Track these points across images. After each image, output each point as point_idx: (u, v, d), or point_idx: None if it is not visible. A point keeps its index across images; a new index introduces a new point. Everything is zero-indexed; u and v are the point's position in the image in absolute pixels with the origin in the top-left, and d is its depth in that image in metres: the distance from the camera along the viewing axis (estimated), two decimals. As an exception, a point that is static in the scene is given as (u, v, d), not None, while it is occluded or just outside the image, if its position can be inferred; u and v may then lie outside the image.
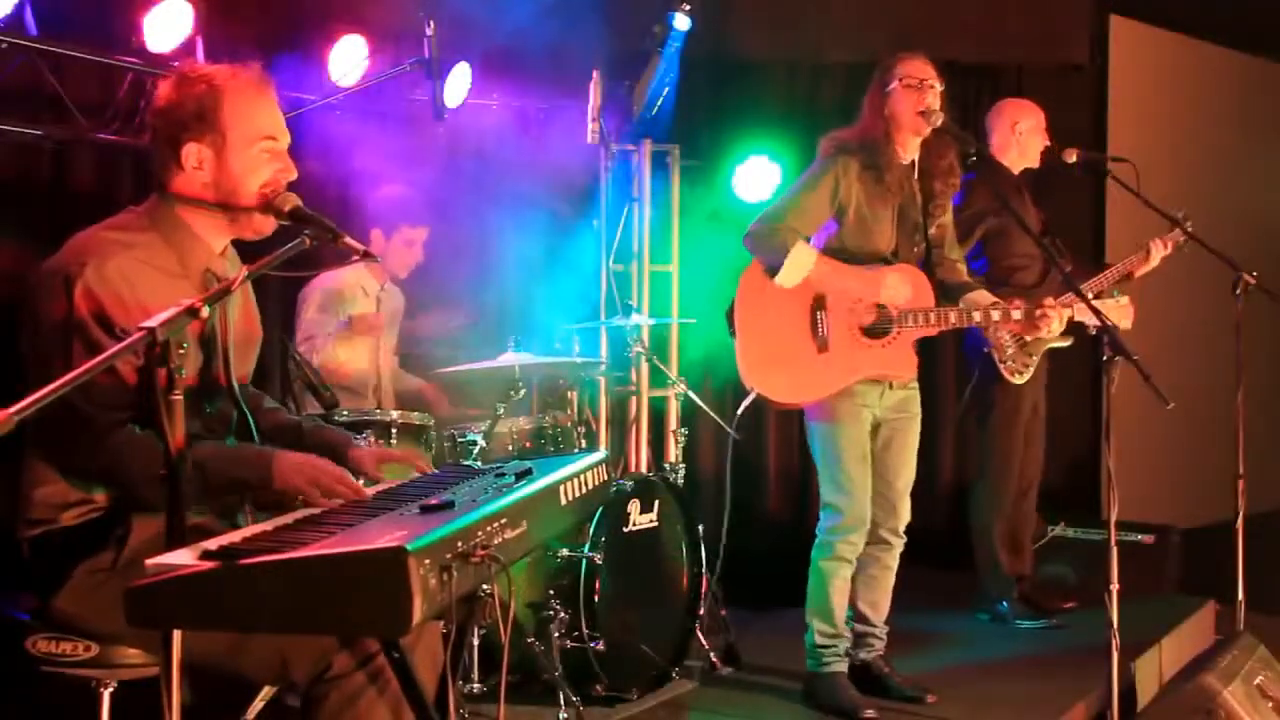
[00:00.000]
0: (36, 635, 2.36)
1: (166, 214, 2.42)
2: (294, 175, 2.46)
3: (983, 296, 3.80)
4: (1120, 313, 4.06)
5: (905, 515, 3.87)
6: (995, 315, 3.72)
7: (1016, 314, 3.71)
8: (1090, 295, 4.07)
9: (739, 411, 3.96)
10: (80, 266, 2.27)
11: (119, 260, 2.30)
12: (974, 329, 4.35)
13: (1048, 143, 4.78)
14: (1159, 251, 4.61)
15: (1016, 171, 4.79)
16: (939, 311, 3.73)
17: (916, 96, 3.67)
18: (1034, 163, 4.80)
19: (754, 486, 5.96)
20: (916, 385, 3.89)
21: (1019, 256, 4.63)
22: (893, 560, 3.90)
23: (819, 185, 3.72)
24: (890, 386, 3.80)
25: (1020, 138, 4.77)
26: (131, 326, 1.85)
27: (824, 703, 3.80)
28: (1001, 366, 4.63)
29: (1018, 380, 4.64)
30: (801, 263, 3.66)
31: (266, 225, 2.44)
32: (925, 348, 3.90)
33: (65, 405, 2.15)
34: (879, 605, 3.94)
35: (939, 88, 3.72)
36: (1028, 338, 4.51)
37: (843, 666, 3.84)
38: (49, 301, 2.27)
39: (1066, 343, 4.62)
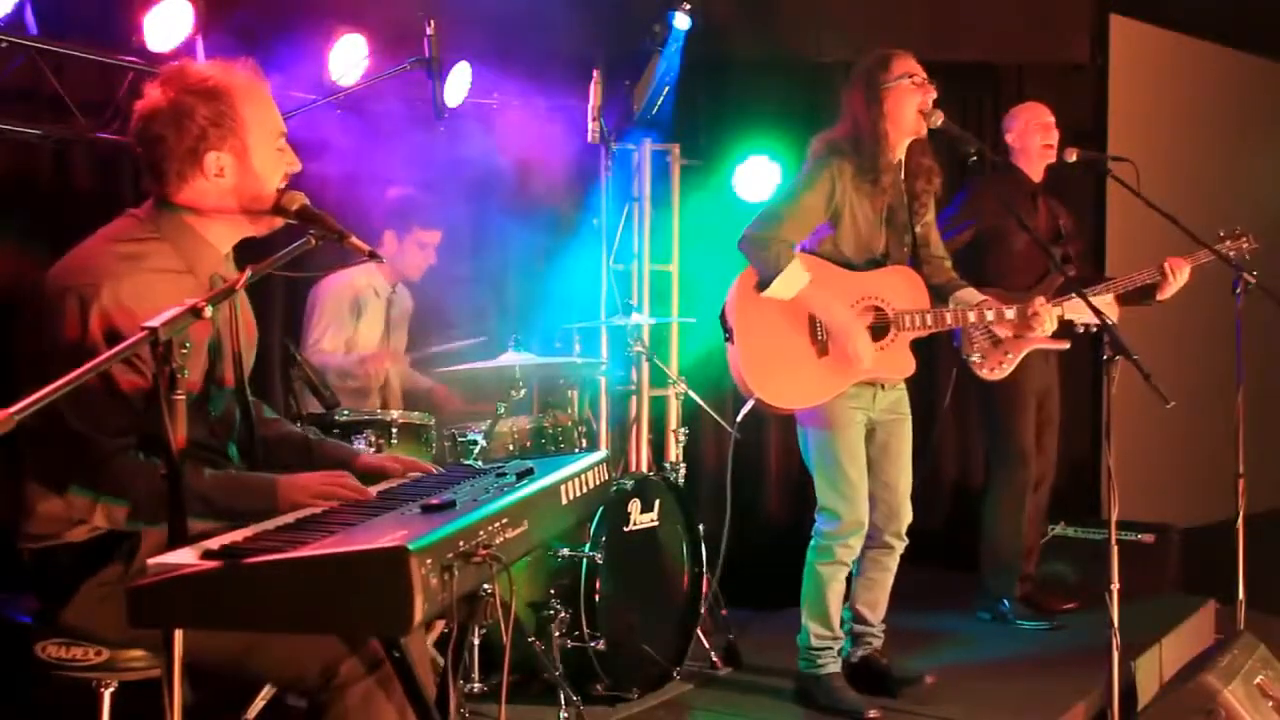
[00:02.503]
0: (47, 640, 2.35)
1: (172, 220, 2.37)
2: (299, 167, 2.44)
3: (970, 294, 3.81)
4: (1105, 309, 4.00)
5: (907, 518, 3.87)
6: (989, 315, 3.72)
7: (1009, 313, 3.71)
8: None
9: (739, 418, 3.95)
10: (95, 288, 2.21)
11: (133, 280, 2.25)
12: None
13: (1047, 141, 4.77)
14: (1181, 273, 4.50)
15: (1036, 177, 4.80)
16: (935, 312, 3.73)
17: (921, 96, 3.67)
18: (1046, 159, 4.79)
19: (754, 486, 5.96)
20: (904, 385, 3.89)
21: (1012, 257, 4.63)
22: (893, 563, 3.90)
23: (814, 189, 3.71)
24: (883, 388, 3.80)
25: (1018, 141, 4.79)
26: (147, 350, 1.83)
27: (824, 704, 3.80)
28: (969, 362, 4.63)
29: (989, 376, 4.63)
30: (793, 283, 3.65)
31: (276, 223, 2.42)
32: (922, 347, 3.89)
33: (67, 431, 2.14)
34: (878, 607, 3.94)
35: (921, 72, 3.73)
36: (1001, 336, 4.49)
37: (836, 667, 3.85)
38: (61, 321, 2.21)
39: (1062, 345, 4.61)
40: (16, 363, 2.32)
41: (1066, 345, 4.60)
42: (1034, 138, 4.76)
